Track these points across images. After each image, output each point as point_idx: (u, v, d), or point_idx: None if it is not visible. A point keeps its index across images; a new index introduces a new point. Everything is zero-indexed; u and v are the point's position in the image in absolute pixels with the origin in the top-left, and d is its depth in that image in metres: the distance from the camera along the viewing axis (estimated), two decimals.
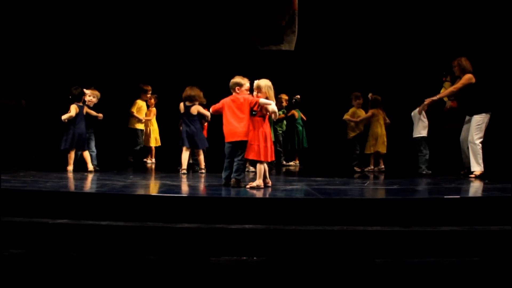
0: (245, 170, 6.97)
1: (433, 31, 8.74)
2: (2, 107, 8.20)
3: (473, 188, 5.51)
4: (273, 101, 5.20)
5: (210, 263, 3.53)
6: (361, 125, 8.11)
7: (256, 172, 5.20)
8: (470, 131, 6.40)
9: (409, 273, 3.48)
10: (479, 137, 6.34)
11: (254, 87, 5.18)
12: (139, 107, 8.66)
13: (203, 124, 7.25)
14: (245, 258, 3.73)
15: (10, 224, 3.92)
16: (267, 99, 5.11)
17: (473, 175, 6.30)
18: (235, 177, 5.15)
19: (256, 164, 5.17)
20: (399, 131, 7.85)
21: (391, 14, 8.95)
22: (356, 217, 4.07)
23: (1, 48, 8.04)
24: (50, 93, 8.73)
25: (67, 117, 6.71)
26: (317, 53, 9.27)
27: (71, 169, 6.73)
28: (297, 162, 9.13)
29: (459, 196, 4.69)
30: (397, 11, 8.92)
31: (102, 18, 9.02)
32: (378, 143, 7.83)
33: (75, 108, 6.80)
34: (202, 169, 7.12)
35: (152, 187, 5.51)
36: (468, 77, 6.42)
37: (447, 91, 6.74)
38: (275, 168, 8.11)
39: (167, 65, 9.33)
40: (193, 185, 5.64)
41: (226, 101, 5.28)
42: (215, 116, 5.67)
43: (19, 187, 4.78)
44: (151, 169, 7.67)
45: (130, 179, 5.84)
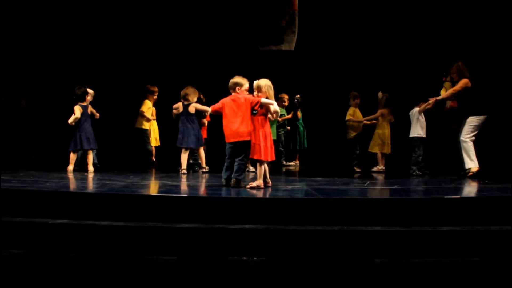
0: (246, 170, 6.98)
1: (433, 31, 8.73)
2: (2, 107, 8.19)
3: (473, 188, 5.51)
4: (274, 101, 5.20)
5: (210, 264, 3.53)
6: (361, 125, 8.12)
7: (256, 172, 5.20)
8: (462, 130, 6.57)
9: (409, 273, 3.48)
10: (469, 136, 6.50)
11: (254, 87, 5.17)
12: (148, 107, 8.64)
13: (202, 122, 7.25)
14: (245, 258, 3.73)
15: (10, 224, 3.93)
16: (267, 99, 5.12)
17: (470, 173, 6.40)
18: (235, 177, 5.14)
19: (256, 164, 5.18)
20: (399, 131, 7.83)
21: (391, 14, 8.95)
22: (356, 217, 4.07)
23: (1, 48, 8.03)
24: (50, 93, 8.73)
25: (73, 120, 6.68)
26: (317, 53, 9.26)
27: (71, 169, 6.73)
28: (297, 162, 9.13)
29: (459, 196, 4.69)
30: (397, 11, 8.91)
31: (101, 17, 9.01)
32: (385, 144, 7.81)
33: (79, 109, 6.77)
34: (203, 168, 7.11)
35: (152, 187, 5.51)
36: (464, 81, 6.61)
37: (447, 93, 6.85)
38: (275, 168, 8.12)
39: (167, 65, 9.31)
40: (193, 185, 5.64)
41: (226, 101, 5.25)
42: (215, 116, 5.67)
43: (19, 187, 4.78)
44: (151, 169, 7.66)
45: (130, 179, 5.84)
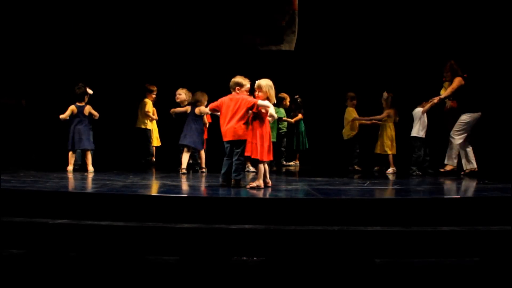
0: (245, 170, 6.98)
1: (433, 31, 8.73)
2: (2, 107, 8.19)
3: (473, 188, 5.51)
4: (274, 101, 5.20)
5: (210, 264, 3.53)
6: (358, 124, 8.19)
7: (256, 172, 5.19)
8: (454, 126, 6.70)
9: (409, 273, 3.48)
10: (459, 133, 6.65)
11: (255, 86, 5.16)
12: (150, 107, 8.63)
13: (203, 122, 7.26)
14: (245, 258, 3.73)
15: (10, 224, 3.93)
16: (267, 99, 5.11)
17: (443, 169, 6.51)
18: (234, 177, 5.14)
19: (256, 164, 5.18)
20: (399, 131, 7.83)
21: (390, 14, 8.94)
22: (356, 217, 4.07)
23: (1, 48, 8.03)
24: (50, 93, 8.72)
25: (61, 117, 6.76)
26: (317, 53, 9.25)
27: (71, 169, 6.73)
28: (297, 162, 9.13)
29: (459, 196, 4.70)
30: (397, 11, 8.91)
31: (101, 17, 9.00)
32: (393, 145, 7.80)
33: (71, 109, 6.81)
34: (203, 168, 7.14)
35: (152, 187, 5.50)
36: (458, 79, 6.79)
37: (447, 92, 6.91)
38: (276, 168, 8.12)
39: (167, 65, 9.31)
40: (193, 185, 5.64)
41: (224, 100, 5.24)
42: (216, 117, 5.66)
43: (19, 187, 4.78)
44: (151, 169, 7.67)
45: (130, 179, 5.84)
